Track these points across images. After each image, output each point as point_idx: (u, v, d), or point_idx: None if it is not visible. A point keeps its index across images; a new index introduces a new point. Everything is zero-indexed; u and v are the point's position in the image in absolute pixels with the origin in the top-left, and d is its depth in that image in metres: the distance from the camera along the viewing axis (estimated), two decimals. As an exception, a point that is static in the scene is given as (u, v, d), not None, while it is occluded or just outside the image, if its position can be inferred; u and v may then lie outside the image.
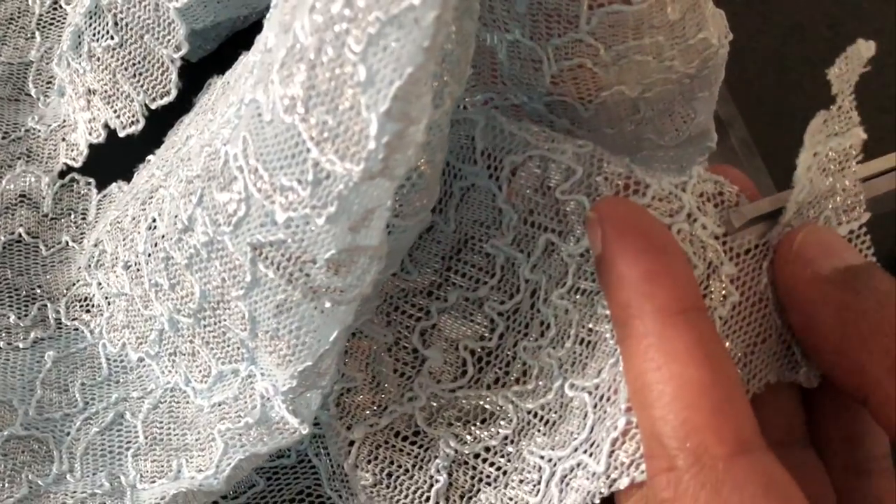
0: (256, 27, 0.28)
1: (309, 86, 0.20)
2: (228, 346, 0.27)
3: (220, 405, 0.28)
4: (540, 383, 0.26)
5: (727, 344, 0.24)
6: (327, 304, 0.23)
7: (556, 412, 0.25)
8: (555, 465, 0.24)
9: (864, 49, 0.24)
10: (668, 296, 0.21)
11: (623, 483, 0.22)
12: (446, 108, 0.24)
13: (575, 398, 0.24)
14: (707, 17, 0.27)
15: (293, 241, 0.22)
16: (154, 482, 0.28)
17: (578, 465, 0.23)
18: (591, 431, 0.23)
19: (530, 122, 0.29)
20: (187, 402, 0.29)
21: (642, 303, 0.21)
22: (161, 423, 0.29)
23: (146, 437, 0.29)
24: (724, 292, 0.24)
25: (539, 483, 0.25)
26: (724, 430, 0.19)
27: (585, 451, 0.23)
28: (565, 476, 0.24)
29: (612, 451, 0.22)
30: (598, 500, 0.22)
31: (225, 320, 0.26)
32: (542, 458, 0.25)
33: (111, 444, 0.29)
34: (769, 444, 0.20)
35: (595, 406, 0.23)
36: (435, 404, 0.28)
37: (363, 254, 0.22)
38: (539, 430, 0.25)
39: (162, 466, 0.28)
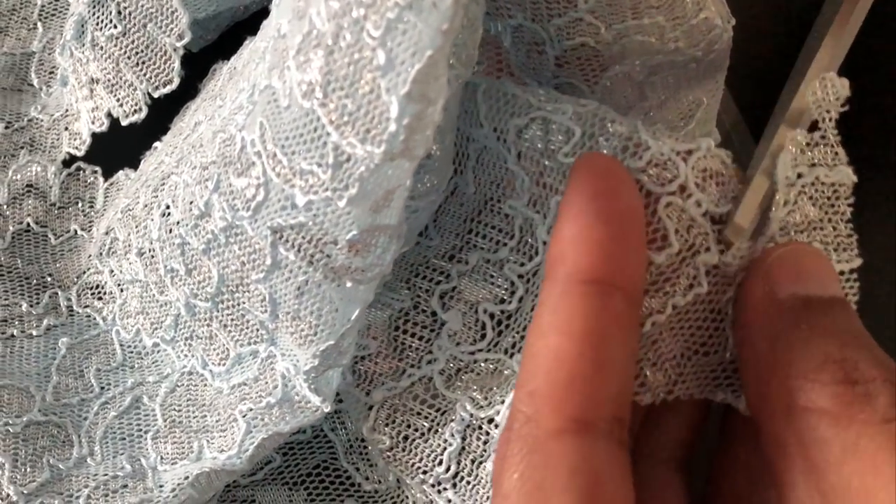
0: (256, 17, 0.28)
1: (327, 71, 0.20)
2: (247, 328, 0.27)
3: (240, 386, 0.28)
4: None
5: (667, 337, 0.23)
6: (348, 284, 0.23)
7: None
8: None
9: (842, 87, 0.24)
10: (580, 262, 0.20)
11: None
12: (454, 91, 0.25)
13: None
14: None
15: (314, 224, 0.23)
16: (175, 463, 0.28)
17: None
18: None
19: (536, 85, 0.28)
20: (205, 385, 0.30)
21: (556, 266, 0.20)
22: (179, 406, 0.30)
23: (165, 420, 0.29)
24: (692, 281, 0.23)
25: None
26: (564, 406, 0.19)
27: None
28: None
29: None
30: None
31: (244, 303, 0.27)
32: None
33: (130, 427, 0.30)
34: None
35: None
36: (454, 367, 0.27)
37: (383, 233, 0.22)
38: None
39: (182, 448, 0.29)
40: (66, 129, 0.36)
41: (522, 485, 0.19)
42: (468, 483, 0.26)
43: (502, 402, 0.26)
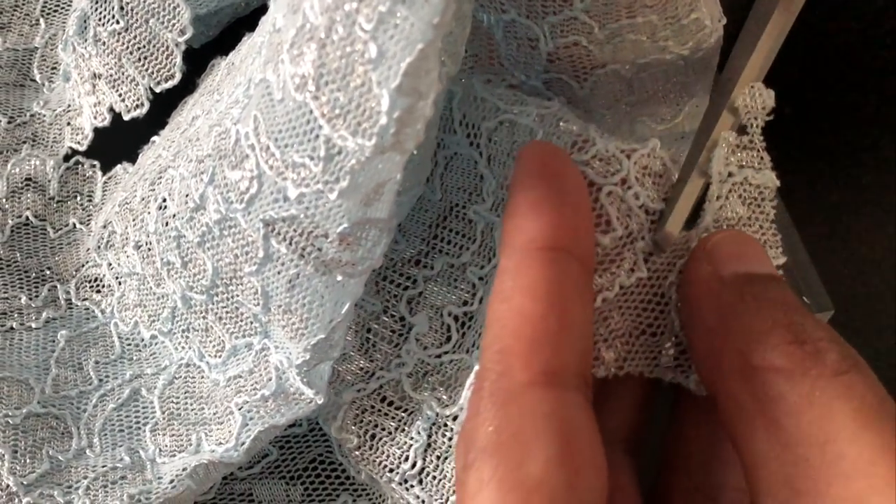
0: (257, 13, 0.28)
1: (320, 64, 0.21)
2: (241, 320, 0.28)
3: (235, 379, 0.28)
4: None
5: (616, 315, 0.24)
6: (339, 278, 0.24)
7: None
8: None
9: (768, 97, 0.25)
10: (537, 231, 0.21)
11: None
12: (443, 87, 0.25)
13: None
14: None
15: (305, 217, 0.23)
16: (174, 456, 0.29)
17: None
18: None
19: (505, 87, 0.29)
20: (202, 377, 0.30)
21: (514, 235, 0.21)
22: (177, 398, 0.30)
23: (163, 413, 0.30)
24: (633, 266, 0.24)
25: None
26: (533, 360, 0.20)
27: None
28: None
29: None
30: None
31: (238, 296, 0.27)
32: None
33: (128, 419, 0.30)
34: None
35: None
36: (421, 370, 0.28)
37: (374, 227, 0.23)
38: None
39: (181, 441, 0.29)
40: (69, 124, 0.36)
41: (498, 436, 0.19)
42: (434, 478, 0.27)
43: (466, 398, 0.27)
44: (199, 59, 0.35)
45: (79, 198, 0.36)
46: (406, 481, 0.27)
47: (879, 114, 0.43)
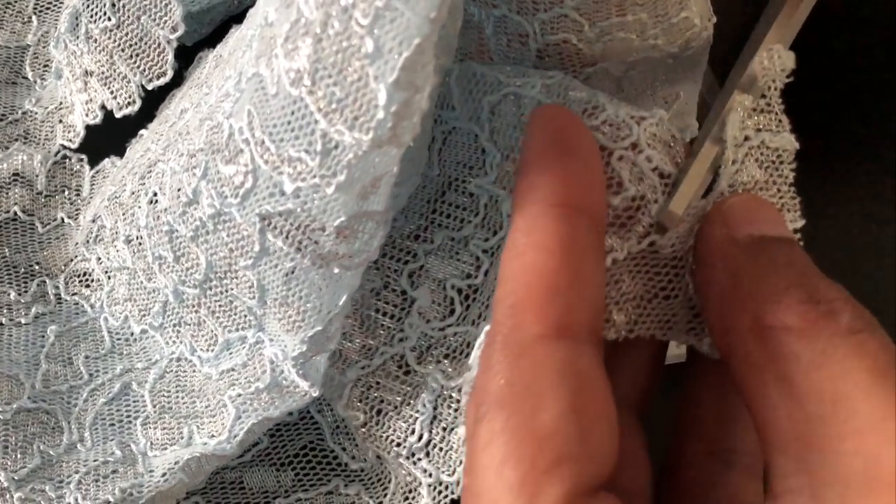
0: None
1: (315, 59, 0.21)
2: (235, 314, 0.28)
3: (228, 372, 0.28)
4: None
5: (627, 279, 0.24)
6: (335, 270, 0.24)
7: None
8: None
9: (787, 59, 0.25)
10: (549, 188, 0.21)
11: None
12: (437, 80, 0.25)
13: None
14: None
15: (302, 210, 0.23)
16: (165, 449, 0.29)
17: None
18: None
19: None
20: (194, 371, 0.30)
21: (527, 193, 0.21)
22: (168, 392, 0.30)
23: (154, 406, 0.30)
24: (647, 229, 0.24)
25: None
26: (547, 313, 0.20)
27: None
28: None
29: None
30: None
31: (232, 289, 0.27)
32: None
33: (119, 413, 0.30)
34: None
35: None
36: (425, 343, 0.28)
37: (370, 220, 0.23)
38: None
39: (172, 434, 0.29)
40: (61, 121, 0.36)
41: (511, 388, 0.19)
42: (441, 450, 0.27)
43: (470, 370, 0.27)
44: (191, 58, 0.35)
45: (67, 192, 0.35)
46: (413, 454, 0.27)
47: (875, 111, 0.43)
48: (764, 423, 0.20)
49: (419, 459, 0.27)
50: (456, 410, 0.27)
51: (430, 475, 0.27)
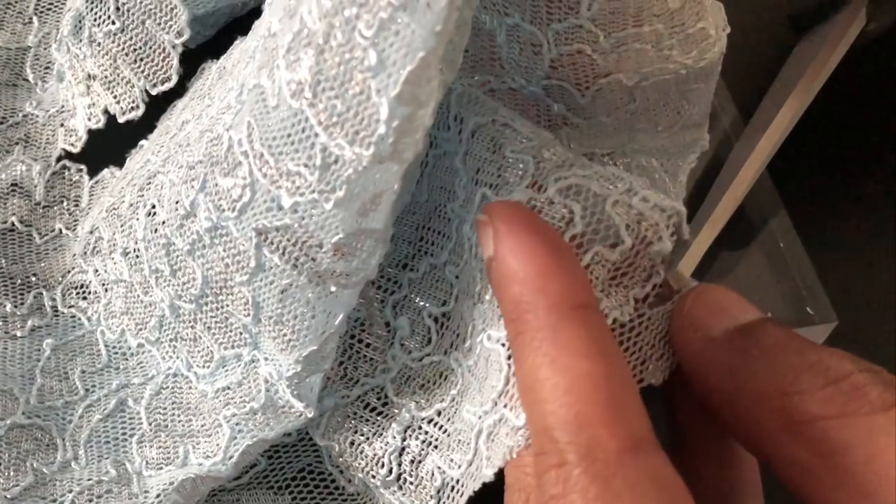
0: (254, 14, 0.28)
1: (317, 71, 0.20)
2: (231, 331, 0.27)
3: (224, 390, 0.28)
4: (476, 339, 0.25)
5: (636, 331, 0.23)
6: (332, 289, 0.23)
7: (482, 367, 0.24)
8: (482, 420, 0.24)
9: None
10: (562, 291, 0.20)
11: None
12: (441, 96, 0.24)
13: (492, 351, 0.23)
14: (706, 7, 0.27)
15: (300, 226, 0.22)
16: (161, 468, 0.28)
17: (501, 419, 0.23)
18: (508, 384, 0.23)
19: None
20: (190, 388, 0.29)
21: (536, 298, 0.20)
22: (164, 409, 0.29)
23: (150, 424, 0.29)
24: (649, 272, 0.23)
25: (471, 442, 0.24)
26: (618, 426, 0.19)
27: (505, 406, 0.23)
28: (491, 432, 0.23)
29: None
30: (515, 455, 0.22)
31: (228, 306, 0.26)
32: (474, 415, 0.24)
33: (115, 431, 0.29)
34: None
35: (509, 358, 0.23)
36: (405, 375, 0.28)
37: (369, 237, 0.22)
38: (474, 387, 0.25)
39: (168, 453, 0.28)
40: (62, 125, 0.36)
41: None
42: (412, 484, 0.27)
43: (441, 400, 0.26)
44: (195, 61, 0.34)
45: (65, 203, 0.35)
46: (388, 486, 0.27)
47: (883, 122, 0.43)
48: None
49: (394, 491, 0.27)
50: (423, 442, 0.26)
51: None
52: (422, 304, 0.28)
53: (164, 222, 0.27)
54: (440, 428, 0.26)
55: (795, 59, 0.26)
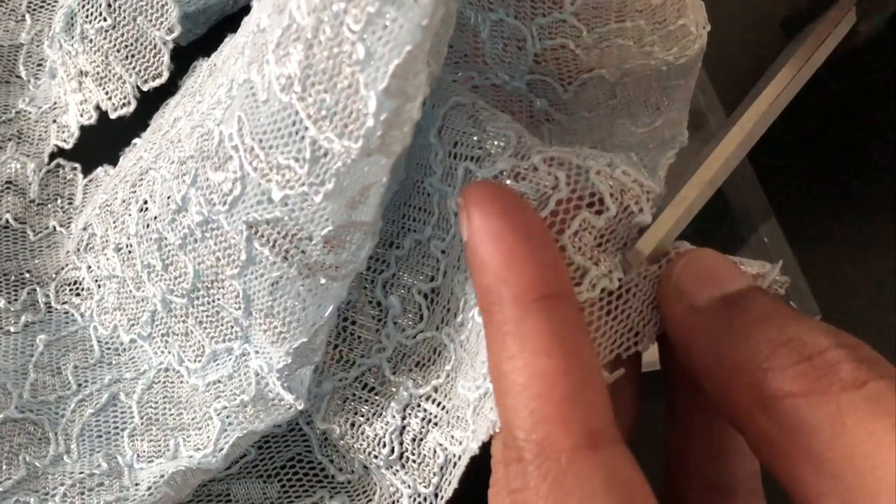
0: (245, 11, 0.28)
1: (306, 65, 0.20)
2: (222, 324, 0.27)
3: (214, 384, 0.28)
4: (467, 315, 0.25)
5: (623, 298, 0.23)
6: (322, 281, 0.23)
7: (474, 342, 0.24)
8: (473, 394, 0.24)
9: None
10: (527, 283, 0.20)
11: None
12: (428, 89, 0.25)
13: (482, 326, 0.23)
14: (687, 4, 0.27)
15: (290, 219, 0.22)
16: (151, 461, 0.28)
17: (486, 393, 0.23)
18: None
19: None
20: (181, 382, 0.29)
21: (501, 289, 0.20)
22: (156, 403, 0.29)
23: (141, 418, 0.29)
24: (626, 243, 0.23)
25: (468, 418, 0.24)
26: (571, 423, 0.19)
27: (489, 380, 0.22)
28: (476, 406, 0.23)
29: None
30: (498, 429, 0.21)
31: (219, 299, 0.26)
32: (468, 390, 0.24)
33: (107, 425, 0.30)
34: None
35: None
36: (400, 353, 0.28)
37: (359, 229, 0.22)
38: (467, 363, 0.25)
39: (159, 446, 0.28)
40: (55, 121, 0.36)
41: None
42: (415, 462, 0.27)
43: (437, 377, 0.26)
44: (186, 58, 0.35)
45: (59, 200, 0.35)
46: (391, 466, 0.27)
47: (870, 119, 0.43)
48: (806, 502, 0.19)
49: (397, 471, 0.27)
50: (423, 419, 0.26)
51: (409, 486, 0.27)
52: (410, 280, 0.28)
53: (155, 217, 0.28)
54: (438, 405, 0.26)
55: (782, 54, 0.26)
